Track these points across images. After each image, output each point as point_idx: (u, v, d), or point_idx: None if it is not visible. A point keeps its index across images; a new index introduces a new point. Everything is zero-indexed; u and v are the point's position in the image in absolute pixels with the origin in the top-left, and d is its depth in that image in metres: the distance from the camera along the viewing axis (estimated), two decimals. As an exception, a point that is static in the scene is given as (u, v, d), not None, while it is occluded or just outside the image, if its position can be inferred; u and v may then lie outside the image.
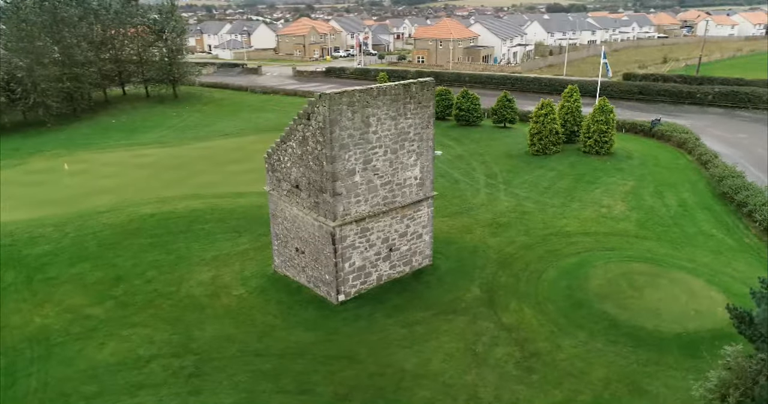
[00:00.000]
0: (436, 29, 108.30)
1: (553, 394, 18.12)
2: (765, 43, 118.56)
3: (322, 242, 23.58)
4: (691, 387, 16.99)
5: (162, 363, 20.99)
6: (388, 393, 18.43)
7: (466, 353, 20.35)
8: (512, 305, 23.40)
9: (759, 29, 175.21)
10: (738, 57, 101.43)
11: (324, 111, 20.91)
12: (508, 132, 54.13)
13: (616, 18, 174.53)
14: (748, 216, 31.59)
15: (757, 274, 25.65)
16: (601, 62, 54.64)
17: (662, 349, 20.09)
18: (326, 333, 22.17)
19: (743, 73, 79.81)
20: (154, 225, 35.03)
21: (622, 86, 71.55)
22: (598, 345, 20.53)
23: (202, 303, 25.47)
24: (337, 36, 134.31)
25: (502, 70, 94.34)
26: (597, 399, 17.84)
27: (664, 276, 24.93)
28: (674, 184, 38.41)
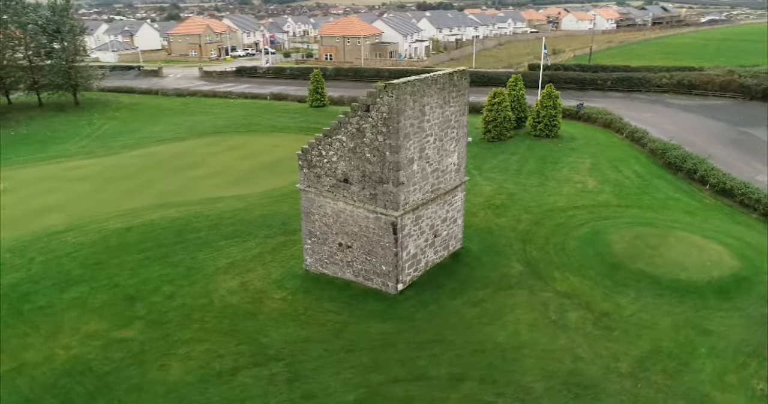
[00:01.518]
0: (343, 26, 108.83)
1: (640, 345, 20.17)
2: (630, 35, 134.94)
3: (379, 234, 23.64)
4: (742, 323, 19.89)
5: (249, 374, 19.91)
6: (499, 366, 19.28)
7: (545, 322, 21.77)
8: (557, 275, 25.28)
9: (611, 23, 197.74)
10: (613, 47, 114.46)
11: (390, 101, 21.05)
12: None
13: (493, 14, 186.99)
14: (700, 181, 36.57)
15: (730, 228, 30.13)
16: (542, 52, 59.04)
17: (702, 295, 23.09)
18: (403, 321, 22.38)
19: (624, 60, 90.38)
20: (138, 239, 32.31)
21: (533, 75, 77.52)
22: (648, 299, 23.04)
23: (248, 311, 24.29)
24: (233, 35, 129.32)
25: (412, 65, 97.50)
26: (676, 344, 20.18)
27: (668, 235, 28.35)
28: (623, 159, 43.10)
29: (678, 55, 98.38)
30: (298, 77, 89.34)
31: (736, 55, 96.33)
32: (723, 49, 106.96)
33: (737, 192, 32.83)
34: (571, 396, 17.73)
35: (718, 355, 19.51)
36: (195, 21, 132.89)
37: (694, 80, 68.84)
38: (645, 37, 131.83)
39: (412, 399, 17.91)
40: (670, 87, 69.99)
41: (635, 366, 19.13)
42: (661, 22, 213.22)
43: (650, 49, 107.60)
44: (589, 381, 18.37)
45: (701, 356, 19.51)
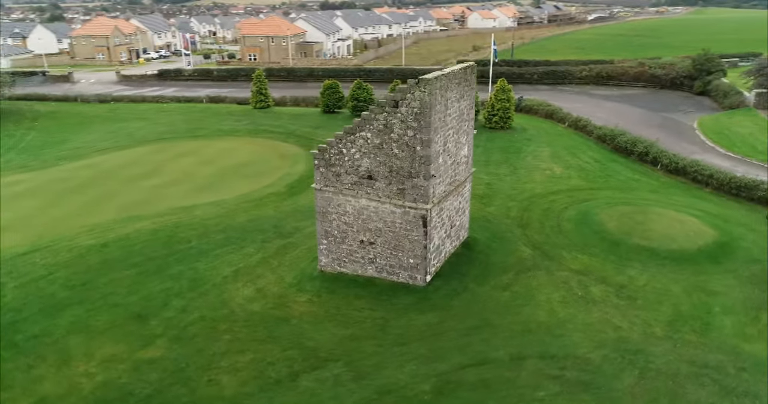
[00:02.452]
0: (266, 26, 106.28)
1: (663, 311, 22.22)
2: (537, 32, 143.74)
3: (407, 227, 23.99)
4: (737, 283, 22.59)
5: (311, 378, 19.55)
6: (552, 342, 20.43)
7: (573, 298, 23.29)
8: (566, 255, 27.00)
9: (512, 21, 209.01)
10: (527, 44, 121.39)
11: (421, 96, 21.48)
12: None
13: (404, 13, 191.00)
14: (651, 162, 40.30)
15: (692, 202, 33.55)
16: (492, 48, 61.41)
17: (696, 262, 25.78)
18: (442, 310, 22.93)
19: (541, 55, 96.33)
20: (121, 254, 30.24)
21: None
22: (654, 269, 25.33)
23: (277, 317, 23.70)
24: (143, 36, 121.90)
25: (342, 64, 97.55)
26: (693, 306, 22.47)
27: (648, 212, 31.15)
28: (576, 146, 46.36)
29: (586, 50, 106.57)
30: (226, 79, 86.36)
31: (634, 48, 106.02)
32: (621, 44, 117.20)
33: (689, 170, 36.64)
34: (626, 361, 19.24)
35: (731, 312, 22.00)
36: (100, 21, 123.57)
37: (611, 72, 75.06)
38: (551, 33, 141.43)
39: (486, 381, 18.56)
40: (590, 79, 75.73)
41: (667, 329, 21.09)
42: (555, 19, 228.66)
43: (559, 45, 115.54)
44: (635, 347, 20.02)
45: (718, 314, 21.90)
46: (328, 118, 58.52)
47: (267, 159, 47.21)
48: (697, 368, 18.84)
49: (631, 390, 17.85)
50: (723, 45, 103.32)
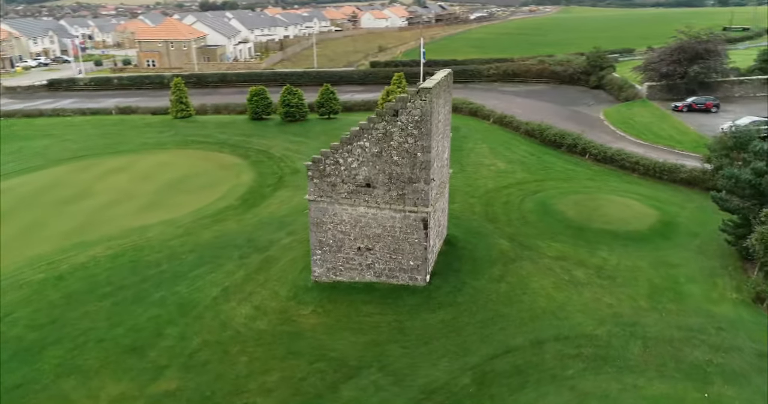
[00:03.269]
0: (164, 30, 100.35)
1: (641, 285, 25.13)
2: (433, 31, 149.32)
3: (407, 231, 24.82)
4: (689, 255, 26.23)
5: (350, 387, 19.86)
6: (560, 324, 22.38)
7: (563, 282, 25.53)
8: (540, 244, 29.34)
9: (403, 21, 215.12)
10: (428, 43, 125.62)
11: (422, 104, 22.38)
12: (339, 122, 57.94)
13: (298, 14, 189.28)
14: (580, 153, 44.40)
15: (626, 187, 37.54)
16: (420, 50, 63.04)
17: (651, 240, 29.26)
18: (451, 307, 24.07)
19: (445, 54, 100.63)
20: (85, 286, 28.13)
21: (382, 73, 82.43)
22: (619, 250, 28.38)
23: (288, 332, 23.53)
24: (17, 42, 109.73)
25: (249, 68, 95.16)
26: (663, 279, 25.63)
27: (596, 199, 34.55)
28: (508, 141, 49.68)
29: (484, 49, 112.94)
30: (130, 87, 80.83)
31: (528, 46, 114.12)
32: (514, 42, 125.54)
33: (617, 158, 40.97)
34: (628, 334, 21.66)
35: (694, 281, 25.42)
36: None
37: (516, 70, 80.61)
38: (446, 33, 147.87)
39: (518, 367, 20.01)
40: (497, 77, 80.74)
41: (650, 301, 23.94)
42: (442, 18, 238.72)
43: (459, 44, 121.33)
44: (630, 320, 22.56)
45: (685, 284, 25.21)
46: (259, 126, 57.24)
47: (207, 171, 45.43)
48: (685, 332, 21.72)
49: (642, 359, 20.22)
50: (601, 42, 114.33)
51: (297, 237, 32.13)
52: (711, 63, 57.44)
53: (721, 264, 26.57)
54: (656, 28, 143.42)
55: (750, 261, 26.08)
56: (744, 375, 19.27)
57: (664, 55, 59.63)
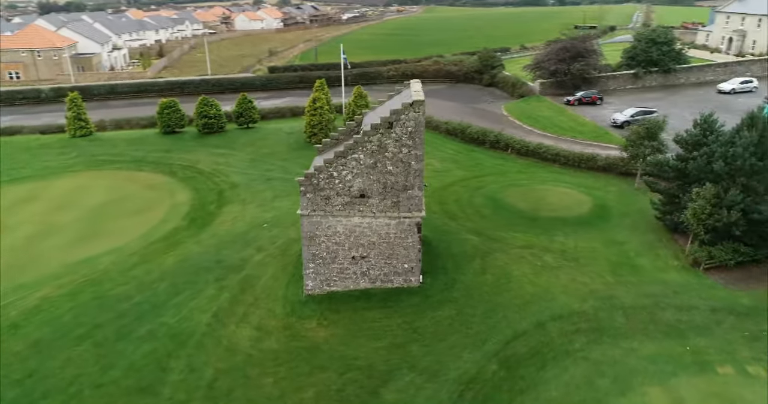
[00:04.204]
0: (25, 37, 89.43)
1: (601, 263, 28.78)
2: (312, 33, 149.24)
3: (401, 236, 26.08)
4: (628, 232, 30.72)
5: (392, 389, 20.85)
6: (552, 305, 25.15)
7: (539, 268, 28.40)
8: (505, 235, 32.12)
9: (279, 22, 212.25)
10: (318, 46, 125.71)
11: (416, 116, 23.77)
12: (261, 131, 56.79)
13: (167, 17, 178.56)
14: (503, 148, 48.41)
15: (554, 177, 41.92)
16: (341, 57, 62.97)
17: (594, 223, 33.33)
18: (451, 303, 25.81)
19: (336, 57, 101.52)
20: (52, 330, 26.01)
21: (284, 78, 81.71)
22: (572, 234, 32.00)
23: (302, 347, 23.86)
24: None
25: (133, 77, 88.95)
26: (617, 255, 29.52)
27: (536, 189, 38.28)
28: (433, 141, 52.27)
29: (374, 50, 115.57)
30: (-1, 104, 71.64)
31: (413, 46, 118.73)
32: (400, 42, 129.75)
33: (539, 151, 45.37)
34: (608, 306, 24.99)
35: (641, 255, 29.64)
36: None
37: (414, 70, 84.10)
38: (331, 34, 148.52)
39: (534, 348, 22.33)
40: (397, 78, 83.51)
41: (614, 276, 27.62)
42: (316, 19, 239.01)
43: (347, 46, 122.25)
44: (605, 294, 25.97)
45: (635, 258, 29.33)
46: (175, 140, 54.29)
47: (135, 193, 42.58)
48: (651, 298, 25.57)
49: (628, 326, 23.57)
50: (478, 41, 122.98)
51: (268, 252, 31.87)
52: (590, 60, 65.15)
53: (656, 238, 31.24)
54: (521, 27, 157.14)
55: (677, 232, 31.00)
56: (707, 328, 23.35)
57: (550, 55, 66.32)
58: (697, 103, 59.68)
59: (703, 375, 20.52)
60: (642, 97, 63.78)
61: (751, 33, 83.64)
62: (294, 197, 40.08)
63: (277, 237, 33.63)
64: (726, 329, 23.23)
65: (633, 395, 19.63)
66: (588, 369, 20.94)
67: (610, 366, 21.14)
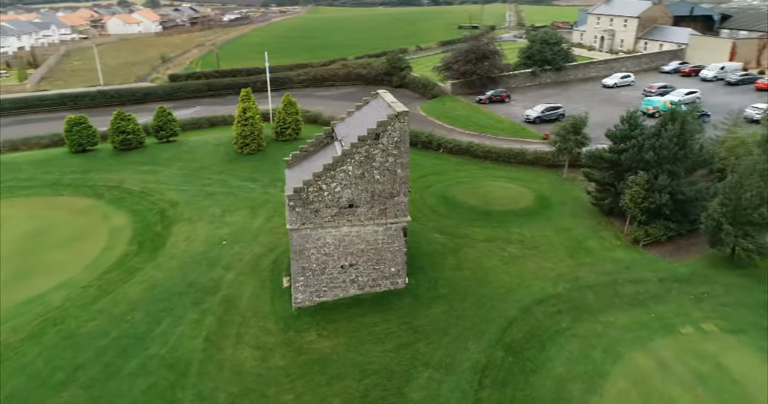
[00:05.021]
0: None
1: (559, 249, 31.94)
2: (194, 37, 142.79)
3: (388, 241, 27.16)
4: (570, 219, 34.53)
5: (415, 388, 21.88)
6: (531, 291, 27.72)
7: (507, 258, 30.88)
8: (465, 231, 34.33)
9: (157, 25, 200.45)
10: (211, 52, 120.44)
11: (401, 126, 24.92)
12: (184, 144, 54.26)
13: (28, 21, 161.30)
14: (435, 148, 50.91)
15: (487, 171, 45.20)
16: (266, 63, 61.07)
17: (541, 213, 36.65)
18: (441, 300, 27.37)
19: (235, 63, 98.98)
20: (26, 378, 24.28)
21: (190, 87, 78.29)
22: (525, 225, 34.99)
23: (310, 360, 24.26)
24: None
25: (9, 91, 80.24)
26: (569, 241, 32.86)
27: (481, 186, 41.01)
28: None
29: (273, 54, 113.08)
30: None
31: (313, 49, 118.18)
32: (297, 45, 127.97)
33: (470, 149, 48.39)
34: (577, 286, 28.05)
35: (589, 238, 33.29)
36: None
37: (324, 74, 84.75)
38: (221, 38, 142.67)
39: (529, 331, 24.60)
40: (309, 82, 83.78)
41: (572, 259, 30.86)
42: (197, 22, 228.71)
43: (246, 50, 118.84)
44: (571, 276, 29.03)
45: (584, 241, 32.88)
46: (89, 159, 50.20)
47: (61, 220, 39.26)
48: (609, 276, 29.07)
49: (599, 302, 26.70)
50: (376, 42, 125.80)
51: (238, 270, 31.35)
52: (494, 61, 70.06)
53: (596, 222, 35.19)
54: (409, 28, 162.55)
55: (612, 215, 35.17)
56: (661, 296, 27.16)
57: (459, 56, 70.31)
58: (589, 96, 66.84)
59: (671, 336, 24.02)
60: (541, 93, 69.88)
61: (618, 32, 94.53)
62: (244, 211, 39.53)
63: (242, 254, 33.08)
64: (675, 295, 27.20)
65: (624, 361, 22.56)
66: (580, 344, 23.60)
67: (597, 338, 23.97)
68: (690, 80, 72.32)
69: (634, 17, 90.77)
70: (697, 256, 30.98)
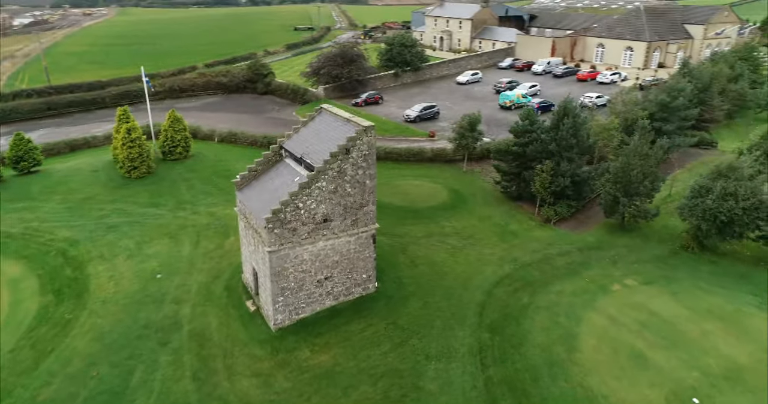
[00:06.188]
0: None
1: (491, 237, 35.86)
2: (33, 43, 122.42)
3: (359, 250, 28.31)
4: (491, 208, 39.19)
5: (428, 379, 23.60)
6: (486, 274, 30.94)
7: (453, 250, 33.84)
8: (403, 229, 36.59)
9: None
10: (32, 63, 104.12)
11: (369, 140, 26.19)
12: (51, 174, 47.87)
13: None
14: (334, 153, 52.10)
15: (393, 171, 48.10)
16: (144, 80, 54.69)
17: (459, 205, 40.37)
18: (415, 297, 29.41)
19: (62, 77, 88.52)
20: None
21: (25, 107, 68.58)
22: (451, 217, 38.39)
23: (316, 375, 24.80)
24: None
25: None
26: (498, 228, 36.99)
27: (396, 185, 43.47)
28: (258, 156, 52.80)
29: (105, 64, 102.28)
30: None
31: (152, 57, 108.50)
32: (132, 53, 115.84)
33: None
34: (519, 265, 32.16)
35: (509, 222, 37.78)
36: None
37: (182, 85, 79.93)
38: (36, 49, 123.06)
39: (502, 311, 27.81)
40: (165, 94, 78.31)
41: (504, 243, 35.00)
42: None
43: (71, 61, 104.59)
44: (510, 257, 33.06)
45: (506, 225, 37.32)
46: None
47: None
48: (540, 252, 33.73)
49: (550, 276, 30.99)
50: (221, 47, 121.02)
51: (191, 302, 30.04)
52: (360, 64, 72.91)
53: (508, 208, 39.98)
54: (244, 30, 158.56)
55: (520, 200, 40.29)
56: (585, 263, 32.47)
57: (327, 61, 71.71)
58: (449, 93, 73.40)
59: (608, 295, 29.09)
60: (407, 92, 74.79)
61: (455, 33, 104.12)
62: (162, 240, 37.14)
63: (187, 285, 31.46)
64: (595, 260, 32.72)
65: (585, 321, 26.89)
66: (546, 314, 27.48)
67: (556, 307, 28.08)
68: (524, 74, 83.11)
69: (467, 19, 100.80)
70: (595, 226, 37.28)
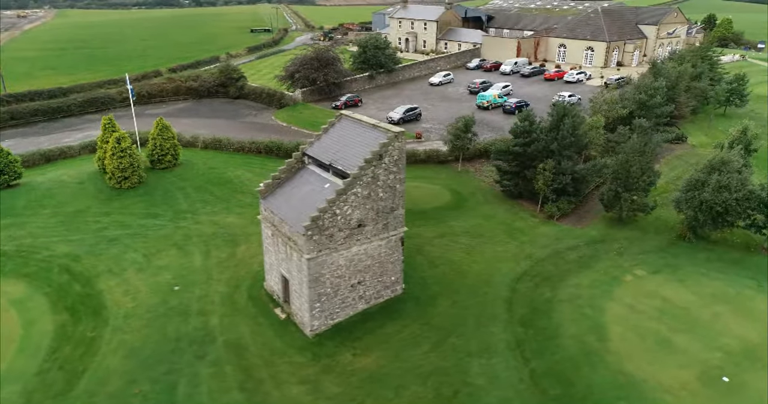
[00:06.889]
0: None
1: (499, 234, 37.07)
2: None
3: (389, 253, 28.87)
4: (489, 207, 40.56)
5: (478, 372, 24.43)
6: (504, 270, 32.08)
7: (467, 249, 34.84)
8: (415, 231, 37.30)
9: None
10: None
11: (399, 145, 26.77)
12: (34, 188, 45.71)
13: None
14: (326, 157, 52.20)
15: (389, 174, 48.61)
16: (128, 87, 52.44)
17: (462, 206, 41.48)
18: (443, 296, 30.24)
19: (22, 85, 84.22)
20: None
21: None
22: (457, 217, 39.43)
23: (363, 378, 25.24)
24: None
25: None
26: (504, 225, 38.23)
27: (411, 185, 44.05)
28: (249, 160, 52.29)
29: (60, 70, 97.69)
30: None
31: (111, 62, 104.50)
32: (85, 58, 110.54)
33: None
34: (534, 261, 33.49)
35: (514, 220, 39.15)
36: None
37: (150, 90, 77.60)
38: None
39: (529, 305, 28.99)
40: (134, 100, 75.81)
41: (514, 240, 36.27)
42: None
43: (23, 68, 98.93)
44: (524, 254, 34.32)
45: (512, 223, 38.64)
46: None
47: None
48: (550, 248, 35.19)
49: (559, 269, 32.42)
50: (181, 50, 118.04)
51: (218, 313, 29.95)
52: (336, 67, 73.00)
53: (510, 206, 41.39)
54: (199, 33, 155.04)
55: (520, 198, 41.77)
56: (594, 256, 34.27)
57: (303, 65, 71.39)
58: (424, 95, 74.66)
59: (622, 285, 30.82)
60: (383, 94, 75.56)
61: (421, 35, 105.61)
62: (170, 251, 36.55)
63: (209, 296, 31.18)
64: (603, 253, 34.50)
65: (606, 311, 28.47)
66: (571, 306, 28.87)
67: (579, 299, 29.53)
68: (492, 75, 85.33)
69: (432, 21, 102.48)
70: (595, 220, 39.21)
